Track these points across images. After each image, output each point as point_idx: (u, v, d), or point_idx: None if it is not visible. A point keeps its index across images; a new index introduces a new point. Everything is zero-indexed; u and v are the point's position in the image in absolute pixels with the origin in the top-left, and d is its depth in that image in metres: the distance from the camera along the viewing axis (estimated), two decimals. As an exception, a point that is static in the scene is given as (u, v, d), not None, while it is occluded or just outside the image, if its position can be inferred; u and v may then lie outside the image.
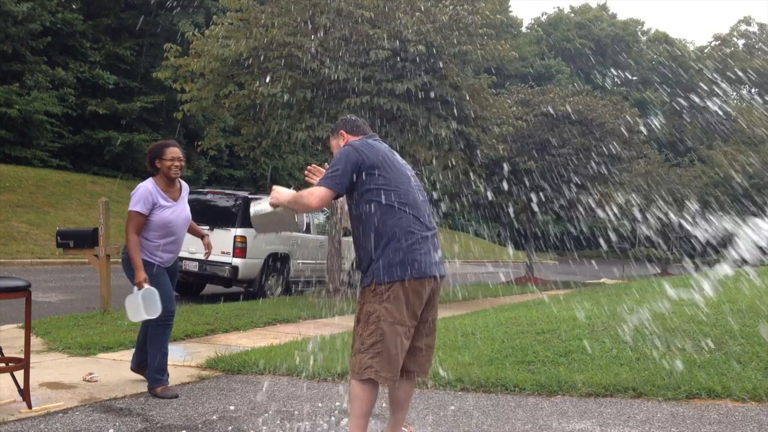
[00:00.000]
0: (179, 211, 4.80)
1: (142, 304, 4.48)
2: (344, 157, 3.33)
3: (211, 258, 10.73)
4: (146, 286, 4.55)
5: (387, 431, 3.57)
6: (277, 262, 11.53)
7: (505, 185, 19.50)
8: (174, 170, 4.72)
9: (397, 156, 3.55)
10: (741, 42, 70.81)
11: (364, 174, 3.31)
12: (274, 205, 3.53)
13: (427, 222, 3.39)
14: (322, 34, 11.04)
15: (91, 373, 5.16)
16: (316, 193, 3.29)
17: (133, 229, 4.64)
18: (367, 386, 3.26)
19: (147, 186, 4.72)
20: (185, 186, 4.96)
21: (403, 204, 3.31)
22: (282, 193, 3.52)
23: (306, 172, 3.74)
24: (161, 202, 4.70)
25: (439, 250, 3.42)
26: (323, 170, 3.62)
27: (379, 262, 3.27)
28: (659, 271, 31.44)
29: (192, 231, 5.27)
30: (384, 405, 3.69)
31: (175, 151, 4.74)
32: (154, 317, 4.51)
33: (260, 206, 3.63)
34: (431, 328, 3.49)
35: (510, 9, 58.88)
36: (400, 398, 3.48)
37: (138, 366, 5.05)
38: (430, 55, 11.34)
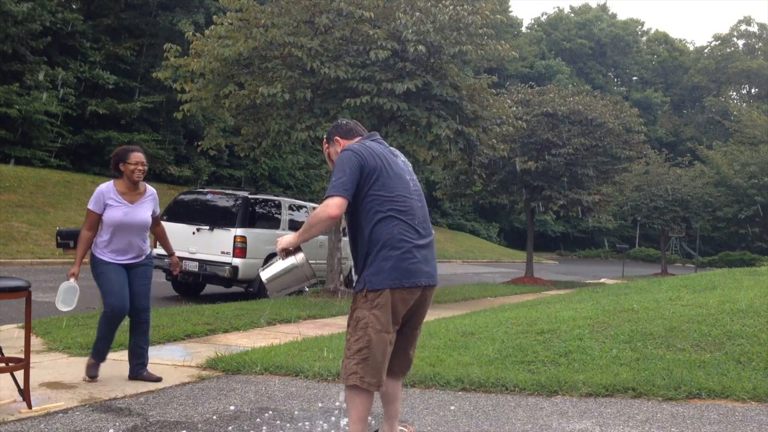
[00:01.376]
0: (133, 213, 4.95)
1: (61, 296, 4.69)
2: (346, 162, 3.28)
3: (211, 258, 10.77)
4: (71, 280, 4.81)
5: (384, 426, 3.59)
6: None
7: (505, 185, 19.49)
8: (137, 174, 4.93)
9: (399, 157, 3.51)
10: (741, 42, 70.80)
11: (363, 179, 3.28)
12: (286, 251, 3.39)
13: (422, 230, 3.36)
14: (322, 34, 11.03)
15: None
16: (331, 203, 3.20)
17: (85, 226, 4.96)
18: (360, 391, 3.28)
19: (102, 187, 4.98)
20: (150, 191, 5.14)
21: (399, 212, 3.29)
22: (290, 236, 3.43)
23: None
24: (112, 202, 4.90)
25: (434, 257, 3.43)
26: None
27: (371, 268, 3.28)
28: (659, 271, 31.39)
29: (162, 244, 5.46)
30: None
31: (138, 156, 4.95)
32: (66, 310, 4.74)
33: (272, 267, 3.46)
34: (416, 333, 3.56)
35: (510, 9, 58.93)
36: (389, 393, 3.51)
37: (135, 373, 5.13)
38: (430, 55, 11.34)
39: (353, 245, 3.41)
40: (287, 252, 3.41)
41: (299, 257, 3.40)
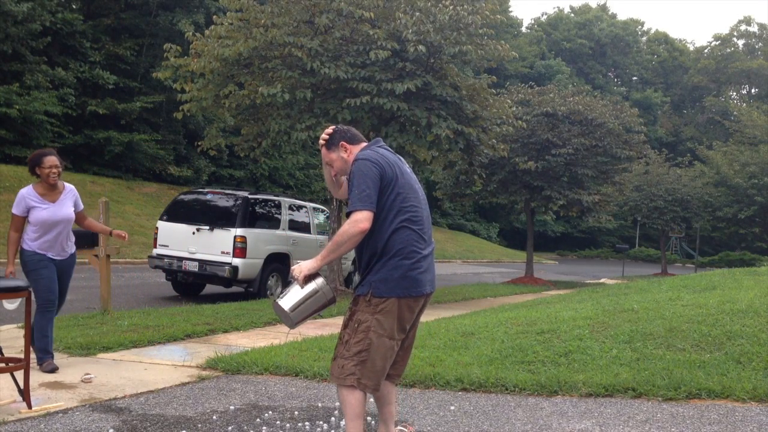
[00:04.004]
0: (56, 211, 5.38)
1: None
2: (368, 174, 3.25)
3: (211, 258, 10.77)
4: (11, 278, 5.00)
5: (381, 427, 3.60)
6: (276, 262, 11.53)
7: (505, 185, 19.49)
8: (52, 177, 5.33)
9: (405, 165, 3.52)
10: (741, 42, 70.77)
11: (382, 189, 3.28)
12: (307, 278, 3.31)
13: (428, 238, 3.42)
14: (322, 34, 11.03)
15: (87, 374, 5.16)
16: (360, 217, 3.18)
17: (11, 228, 5.35)
18: (354, 389, 3.30)
19: (23, 191, 5.37)
20: (69, 188, 5.57)
21: (412, 222, 3.33)
22: (310, 262, 3.34)
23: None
24: (35, 204, 5.32)
25: (434, 264, 3.48)
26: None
27: (379, 275, 3.30)
28: (659, 271, 31.38)
29: (98, 230, 6.04)
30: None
31: (52, 160, 5.36)
32: (11, 308, 4.95)
33: (291, 296, 3.34)
34: (411, 336, 3.59)
35: (510, 9, 58.92)
36: (383, 395, 3.54)
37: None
38: (430, 55, 11.33)
39: (360, 249, 3.39)
40: (307, 278, 3.33)
41: (319, 281, 3.34)
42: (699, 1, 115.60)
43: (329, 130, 3.55)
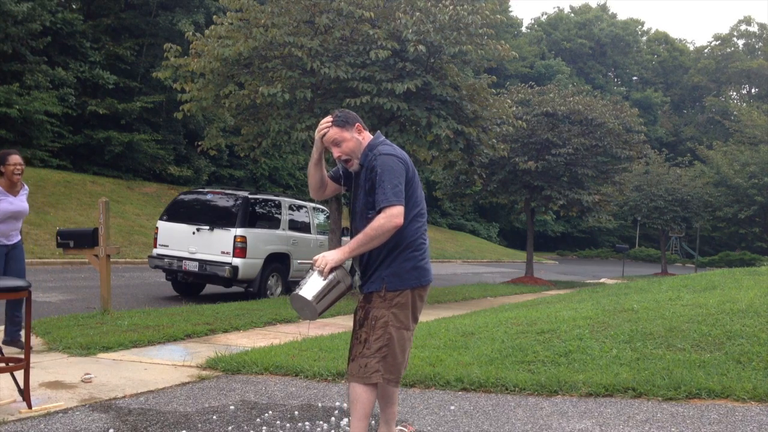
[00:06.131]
0: (18, 204, 5.98)
1: None
2: (396, 169, 3.31)
3: (211, 258, 10.77)
4: None
5: (382, 427, 3.60)
6: (276, 262, 11.54)
7: (505, 185, 19.50)
8: (16, 174, 5.88)
9: None
10: (741, 42, 70.79)
11: (405, 184, 3.37)
12: (333, 269, 3.28)
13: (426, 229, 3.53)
14: (322, 34, 11.03)
15: (87, 374, 5.16)
16: (396, 212, 3.21)
17: None
18: (369, 388, 3.32)
19: None
20: (26, 187, 6.21)
21: (421, 215, 3.44)
22: (337, 253, 3.32)
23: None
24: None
25: None
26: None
27: (390, 269, 3.34)
28: (659, 271, 31.38)
29: None
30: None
31: (16, 158, 5.91)
32: None
33: (312, 286, 3.30)
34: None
35: (510, 9, 58.93)
36: (388, 395, 3.55)
37: (11, 338, 5.89)
38: (430, 55, 11.34)
39: None
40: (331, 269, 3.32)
41: (338, 269, 3.34)
42: (699, 1, 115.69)
43: (334, 114, 3.51)
